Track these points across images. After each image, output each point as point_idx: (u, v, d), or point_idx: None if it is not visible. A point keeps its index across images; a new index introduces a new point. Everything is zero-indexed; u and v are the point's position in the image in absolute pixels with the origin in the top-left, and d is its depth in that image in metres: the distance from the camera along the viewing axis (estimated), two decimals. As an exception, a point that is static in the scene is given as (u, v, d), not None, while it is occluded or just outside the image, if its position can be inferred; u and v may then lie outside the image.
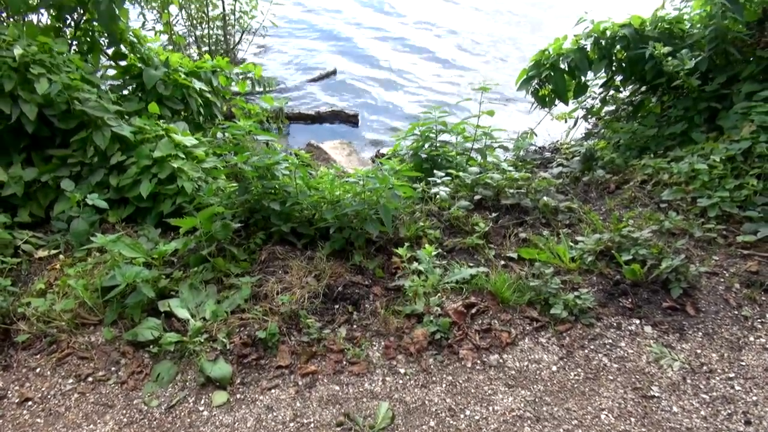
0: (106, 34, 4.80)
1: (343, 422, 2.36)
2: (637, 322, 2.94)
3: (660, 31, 5.12)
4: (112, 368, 2.70)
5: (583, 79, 5.56)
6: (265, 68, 8.43)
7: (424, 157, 4.81)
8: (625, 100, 5.87)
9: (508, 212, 4.02)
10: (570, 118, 6.23)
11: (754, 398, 2.48)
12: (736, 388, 2.54)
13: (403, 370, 2.66)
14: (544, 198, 4.06)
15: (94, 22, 4.75)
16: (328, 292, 3.09)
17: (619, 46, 5.21)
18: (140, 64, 4.83)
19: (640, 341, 2.82)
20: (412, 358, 2.72)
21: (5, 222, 3.54)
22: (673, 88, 4.96)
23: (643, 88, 5.59)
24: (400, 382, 2.60)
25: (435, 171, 4.42)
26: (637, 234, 3.39)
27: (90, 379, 2.64)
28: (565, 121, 6.29)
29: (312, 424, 2.37)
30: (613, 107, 6.03)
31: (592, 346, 2.80)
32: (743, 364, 2.68)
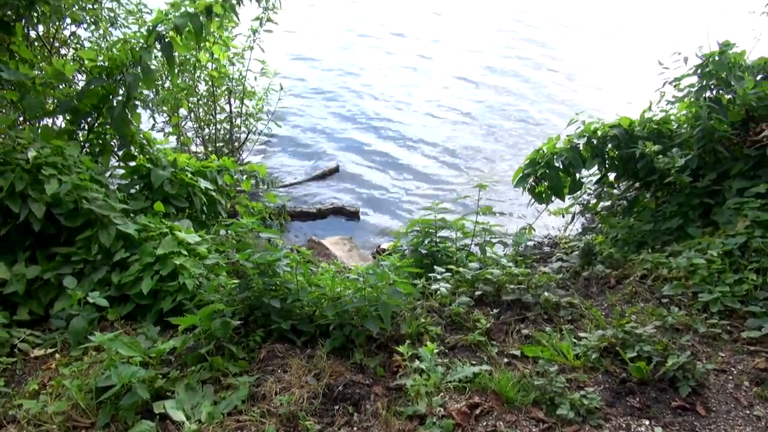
0: (118, 137, 5.01)
1: None
2: (647, 423, 2.85)
3: (648, 131, 5.34)
4: (102, 476, 2.58)
5: (577, 176, 5.72)
6: (269, 166, 8.69)
7: (424, 252, 4.86)
8: (620, 196, 6.01)
9: (509, 308, 4.00)
10: (567, 213, 6.35)
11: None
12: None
13: (405, 477, 2.54)
14: (545, 293, 4.06)
15: (107, 125, 4.97)
16: (328, 392, 3.01)
17: (610, 145, 5.41)
18: (149, 164, 5.00)
19: (651, 444, 2.72)
20: (415, 463, 2.61)
21: (3, 321, 3.52)
22: (665, 184, 5.09)
23: (637, 184, 5.74)
24: (403, 489, 2.47)
25: (435, 267, 4.45)
26: (641, 330, 3.36)
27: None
28: (563, 216, 6.40)
29: None
30: (609, 203, 6.17)
31: (601, 450, 2.70)
32: (760, 468, 2.56)
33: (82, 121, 4.92)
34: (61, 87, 5.13)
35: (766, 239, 4.03)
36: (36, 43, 5.71)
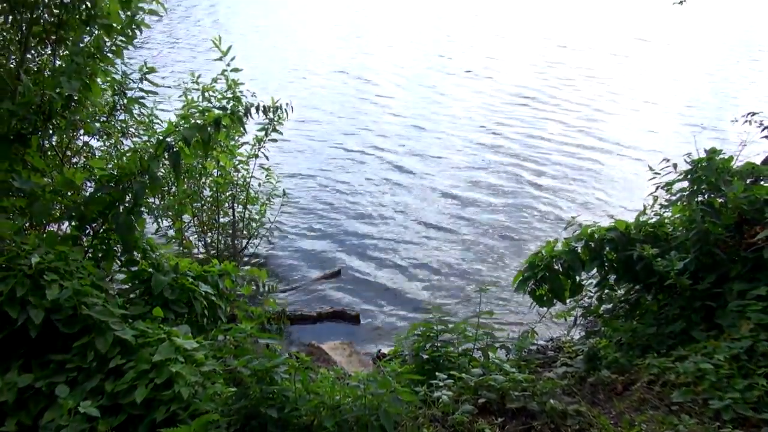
0: (121, 242, 5.07)
1: None
2: None
3: (645, 233, 5.43)
4: None
5: (577, 278, 5.73)
6: (271, 270, 8.72)
7: (425, 357, 4.77)
8: (622, 299, 5.98)
9: (514, 417, 3.86)
10: (569, 317, 6.29)
11: None
12: None
13: None
14: (551, 401, 3.93)
15: (112, 231, 5.05)
16: None
17: (608, 248, 5.47)
18: (150, 269, 5.03)
19: None
20: None
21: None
22: (666, 286, 5.09)
23: (638, 287, 5.74)
24: None
25: (437, 372, 4.35)
26: (652, 440, 3.23)
27: None
28: (565, 320, 6.33)
29: None
30: (611, 305, 6.13)
31: None
32: None
33: (88, 226, 5.01)
34: (69, 194, 5.27)
35: (773, 343, 3.98)
36: (49, 153, 5.94)
